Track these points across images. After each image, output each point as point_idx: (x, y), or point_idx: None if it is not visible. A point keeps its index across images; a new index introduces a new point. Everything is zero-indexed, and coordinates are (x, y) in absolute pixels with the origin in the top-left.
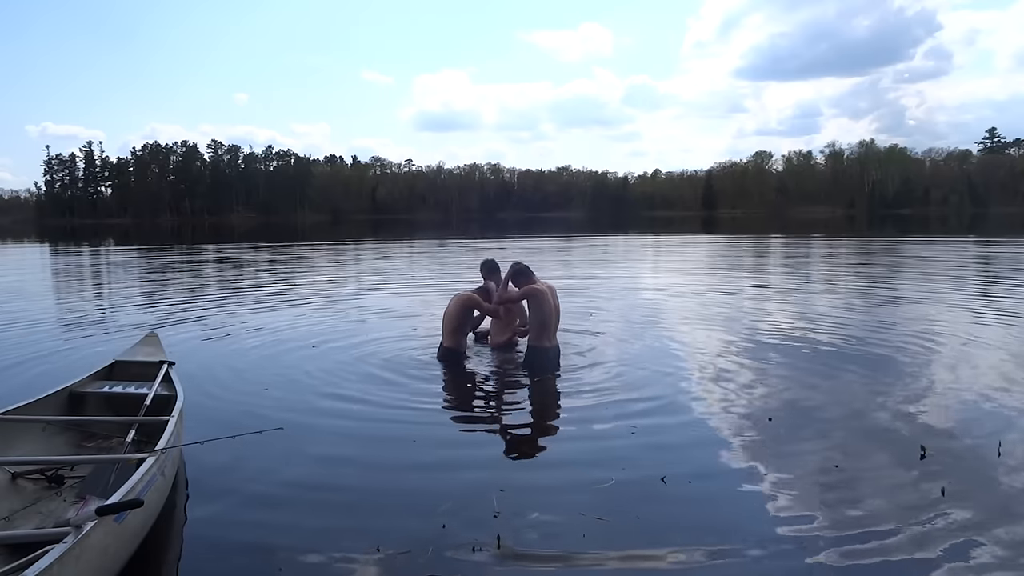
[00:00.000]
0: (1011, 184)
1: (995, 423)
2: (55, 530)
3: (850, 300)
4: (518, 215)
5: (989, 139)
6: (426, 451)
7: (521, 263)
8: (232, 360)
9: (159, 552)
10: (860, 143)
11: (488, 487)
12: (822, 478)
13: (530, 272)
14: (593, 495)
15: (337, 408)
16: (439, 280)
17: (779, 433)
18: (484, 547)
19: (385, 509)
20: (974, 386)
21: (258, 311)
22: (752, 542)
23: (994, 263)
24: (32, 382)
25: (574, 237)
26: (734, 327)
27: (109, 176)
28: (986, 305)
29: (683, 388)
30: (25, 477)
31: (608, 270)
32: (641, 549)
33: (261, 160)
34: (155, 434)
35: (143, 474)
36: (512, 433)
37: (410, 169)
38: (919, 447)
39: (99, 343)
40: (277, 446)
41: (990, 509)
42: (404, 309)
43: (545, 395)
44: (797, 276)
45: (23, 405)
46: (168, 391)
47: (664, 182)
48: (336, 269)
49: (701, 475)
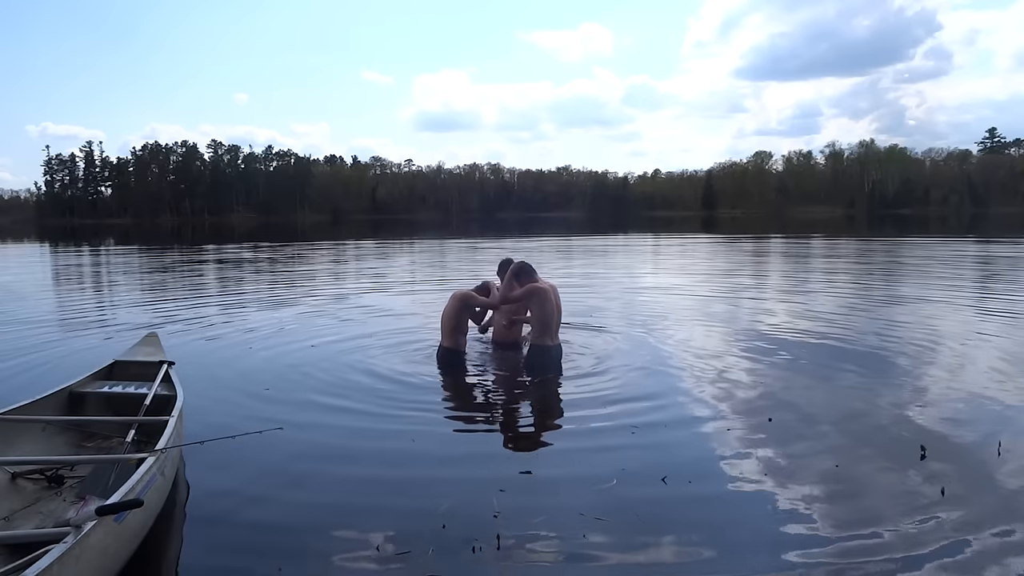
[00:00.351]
0: (1011, 184)
1: (995, 423)
2: (55, 530)
3: (850, 300)
4: (518, 215)
5: (989, 139)
6: (426, 451)
7: (523, 261)
8: (232, 360)
9: (159, 552)
10: (860, 143)
11: (488, 487)
12: (822, 478)
13: (532, 270)
14: (593, 495)
15: (337, 408)
16: (439, 279)
17: (779, 433)
18: (484, 547)
19: (385, 509)
20: (974, 386)
21: (258, 311)
22: (752, 542)
23: (994, 263)
24: (32, 382)
25: (574, 237)
26: (734, 327)
27: (109, 176)
28: (986, 305)
29: (683, 388)
30: (25, 477)
31: (608, 270)
32: (641, 549)
33: (261, 160)
34: (155, 434)
35: (143, 474)
36: (512, 433)
37: (410, 169)
38: (919, 447)
39: (99, 343)
40: (277, 446)
41: (990, 509)
42: (404, 308)
43: (545, 395)
44: (797, 276)
45: (23, 405)
46: (168, 391)
47: (664, 182)
48: (336, 269)
49: (701, 475)
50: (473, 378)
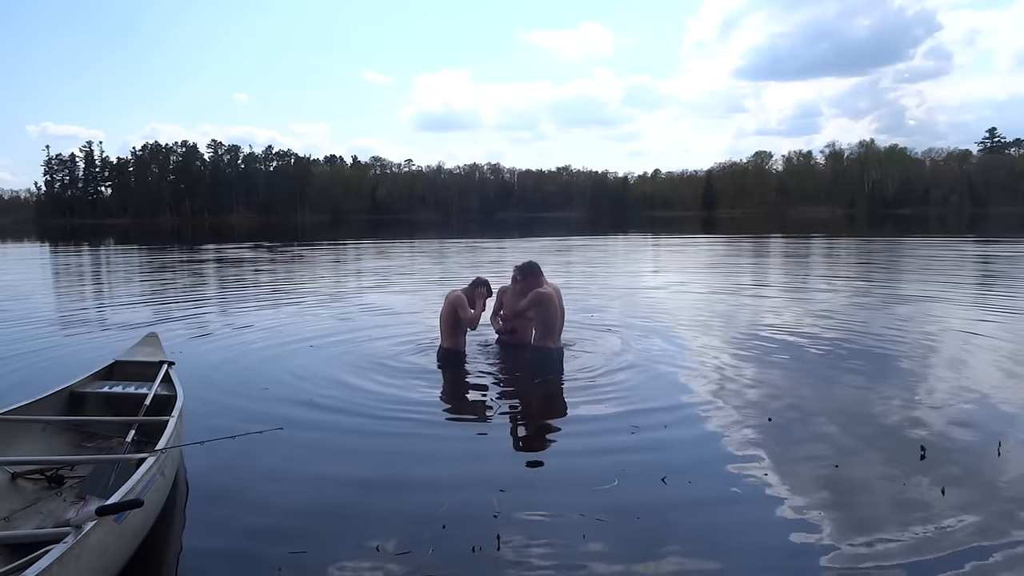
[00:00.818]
0: (1011, 184)
1: (995, 423)
2: (55, 530)
3: (850, 300)
4: (518, 215)
5: (989, 139)
6: (426, 451)
7: (531, 261)
8: (232, 360)
9: (159, 552)
10: (860, 143)
11: (488, 487)
12: (822, 478)
13: (539, 271)
14: (593, 496)
15: (337, 408)
16: (439, 279)
17: (779, 433)
18: (484, 547)
19: (385, 509)
20: (974, 386)
21: (258, 310)
22: (752, 542)
23: (994, 262)
24: (32, 382)
25: (573, 238)
26: (734, 327)
27: (109, 176)
28: (986, 304)
29: (684, 388)
30: (25, 477)
31: (608, 269)
32: (641, 550)
33: (261, 160)
34: (155, 434)
35: (143, 474)
36: (512, 433)
37: (410, 169)
38: (919, 447)
39: (99, 343)
40: (277, 446)
41: (990, 509)
42: (404, 308)
43: (546, 396)
44: (796, 276)
45: (23, 405)
46: (168, 391)
47: (664, 182)
48: (336, 268)
49: (702, 476)
50: (473, 378)
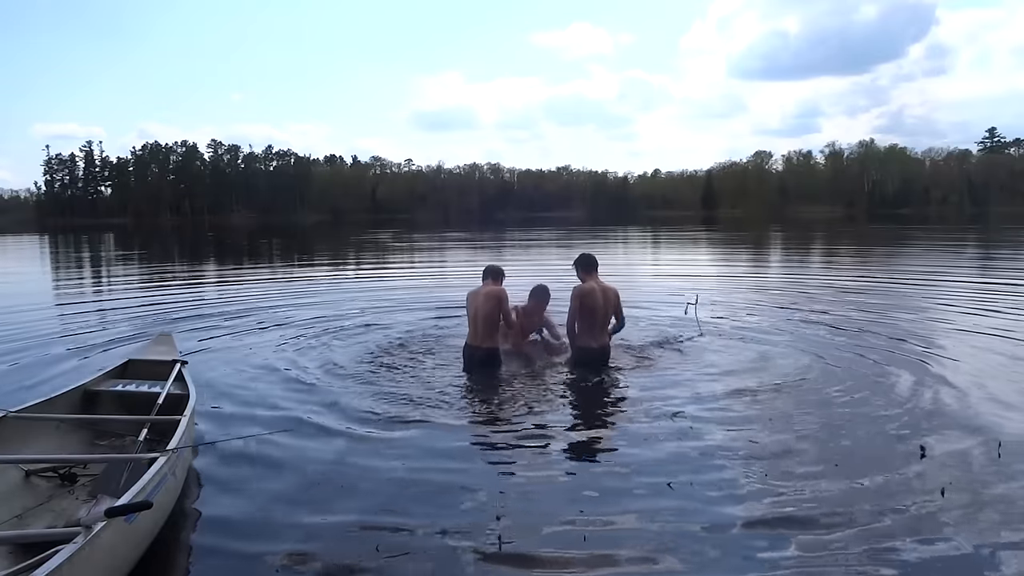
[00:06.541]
0: (1011, 184)
1: (995, 423)
2: (66, 530)
3: (850, 299)
4: (518, 215)
5: (989, 139)
6: (428, 451)
7: (587, 253)
8: (244, 359)
9: (169, 552)
10: (860, 143)
11: (490, 488)
12: (821, 478)
13: (594, 264)
14: (595, 497)
15: (344, 409)
16: (447, 279)
17: (779, 433)
18: (485, 548)
19: (386, 509)
20: (974, 386)
21: (271, 310)
22: (753, 543)
23: (994, 262)
24: (47, 380)
25: (573, 238)
26: (733, 327)
27: (109, 176)
28: (986, 304)
29: (685, 388)
30: (38, 475)
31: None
32: (644, 552)
33: (261, 160)
34: (167, 433)
35: (154, 474)
36: (515, 433)
37: (410, 169)
38: (919, 447)
39: (113, 342)
40: (285, 447)
41: (990, 510)
42: (415, 307)
43: (547, 396)
44: (796, 276)
45: (38, 403)
46: (181, 390)
47: (664, 182)
48: (346, 267)
49: (702, 477)
50: (478, 379)
